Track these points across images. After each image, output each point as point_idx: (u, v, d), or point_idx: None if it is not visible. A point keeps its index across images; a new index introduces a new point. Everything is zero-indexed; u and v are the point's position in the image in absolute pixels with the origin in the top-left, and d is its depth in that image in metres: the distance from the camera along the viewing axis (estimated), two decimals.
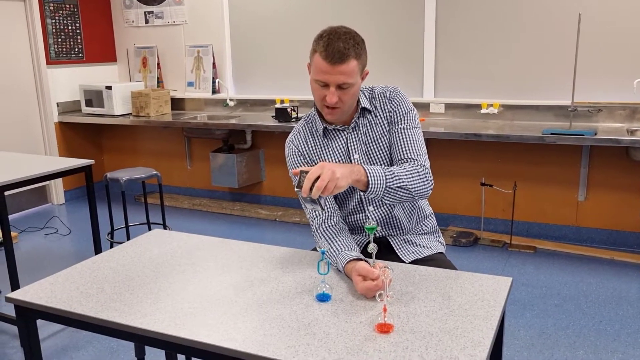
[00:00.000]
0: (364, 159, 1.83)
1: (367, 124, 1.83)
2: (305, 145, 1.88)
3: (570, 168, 4.04)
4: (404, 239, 1.91)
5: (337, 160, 1.85)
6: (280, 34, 5.02)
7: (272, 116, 4.76)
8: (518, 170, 4.19)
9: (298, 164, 1.87)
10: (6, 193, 2.75)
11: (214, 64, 5.33)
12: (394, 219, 1.88)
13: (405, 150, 1.76)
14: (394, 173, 1.62)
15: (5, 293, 3.53)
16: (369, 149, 1.83)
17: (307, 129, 1.90)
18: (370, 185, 1.57)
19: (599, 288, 3.37)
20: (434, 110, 4.44)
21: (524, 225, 4.26)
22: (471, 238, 4.16)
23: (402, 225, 1.90)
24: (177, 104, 5.56)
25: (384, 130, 1.82)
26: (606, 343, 2.75)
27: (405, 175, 1.64)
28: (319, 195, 1.44)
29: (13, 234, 4.47)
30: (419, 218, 1.95)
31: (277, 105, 4.82)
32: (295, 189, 1.50)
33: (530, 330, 2.89)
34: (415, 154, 1.74)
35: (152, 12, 5.56)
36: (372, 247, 1.46)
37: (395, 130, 1.80)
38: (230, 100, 5.27)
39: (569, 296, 3.28)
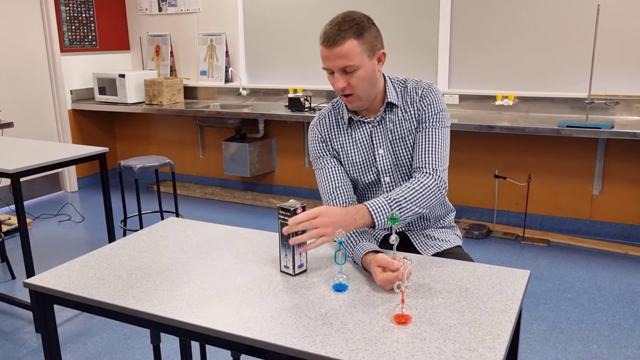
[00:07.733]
0: (388, 155, 1.79)
1: (395, 119, 1.78)
2: (329, 132, 1.84)
3: (586, 161, 4.00)
4: (423, 234, 1.88)
5: (360, 153, 1.80)
6: (294, 23, 4.99)
7: (285, 105, 4.74)
8: (532, 163, 4.15)
9: (320, 151, 1.83)
10: (21, 180, 2.76)
11: (227, 52, 5.32)
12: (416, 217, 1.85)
13: (422, 155, 1.71)
14: (399, 203, 1.60)
15: (20, 278, 3.56)
16: (395, 145, 1.78)
17: (333, 116, 1.85)
18: (377, 224, 1.59)
19: (612, 282, 3.34)
20: (448, 101, 4.40)
21: (538, 219, 4.23)
22: (484, 230, 4.13)
23: (424, 222, 1.87)
24: (189, 92, 5.56)
25: (412, 127, 1.77)
26: (620, 337, 2.73)
27: (411, 199, 1.62)
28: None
29: (27, 220, 4.50)
30: (441, 214, 1.92)
31: (290, 95, 4.80)
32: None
33: (544, 324, 2.88)
34: (431, 159, 1.70)
35: (165, 0, 5.55)
36: (394, 239, 1.44)
37: (421, 130, 1.75)
38: (243, 89, 5.26)
39: (583, 290, 3.25)
